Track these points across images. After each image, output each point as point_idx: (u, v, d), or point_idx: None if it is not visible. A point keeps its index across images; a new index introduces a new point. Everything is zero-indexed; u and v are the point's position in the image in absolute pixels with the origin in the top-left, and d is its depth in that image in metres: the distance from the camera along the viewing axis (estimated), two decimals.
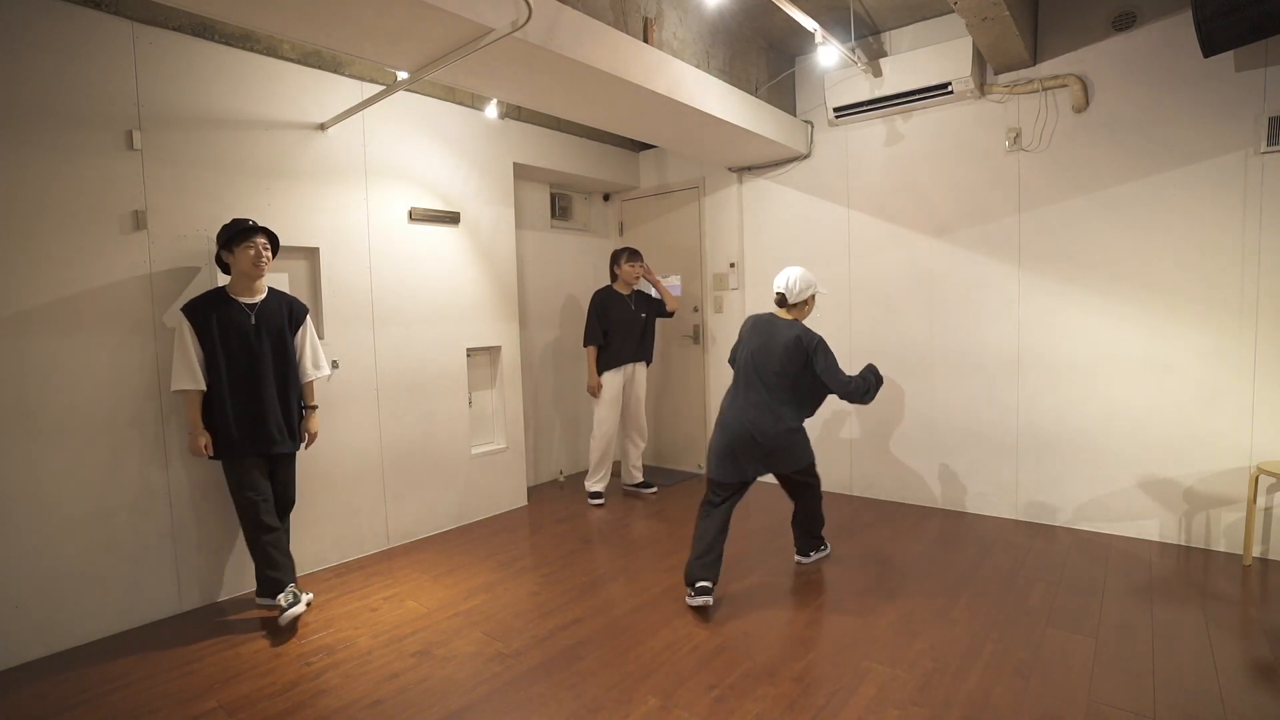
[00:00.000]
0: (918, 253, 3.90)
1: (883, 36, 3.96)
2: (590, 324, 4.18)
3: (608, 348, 4.15)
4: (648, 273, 4.29)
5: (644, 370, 4.33)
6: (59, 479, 2.48)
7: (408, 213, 3.56)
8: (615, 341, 4.15)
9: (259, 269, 2.63)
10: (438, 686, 2.19)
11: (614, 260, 4.25)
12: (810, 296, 2.81)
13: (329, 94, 3.21)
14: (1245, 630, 2.39)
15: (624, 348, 4.16)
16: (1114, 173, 3.27)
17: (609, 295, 4.20)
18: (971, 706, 1.98)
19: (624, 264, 4.18)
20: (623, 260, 4.19)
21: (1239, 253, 3.00)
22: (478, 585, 3.01)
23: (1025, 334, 3.58)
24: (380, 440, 3.47)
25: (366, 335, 3.39)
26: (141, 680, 2.28)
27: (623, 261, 4.18)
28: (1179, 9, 3.04)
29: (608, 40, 2.72)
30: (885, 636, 2.42)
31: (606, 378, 4.16)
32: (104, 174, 2.57)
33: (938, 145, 3.79)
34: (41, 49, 2.42)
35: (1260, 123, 2.91)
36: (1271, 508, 2.98)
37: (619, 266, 4.20)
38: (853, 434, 4.23)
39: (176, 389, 2.57)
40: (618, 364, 4.16)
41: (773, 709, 2.00)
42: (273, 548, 2.66)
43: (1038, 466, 3.58)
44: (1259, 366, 2.99)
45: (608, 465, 4.27)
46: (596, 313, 4.16)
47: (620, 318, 4.16)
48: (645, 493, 4.38)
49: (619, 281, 4.23)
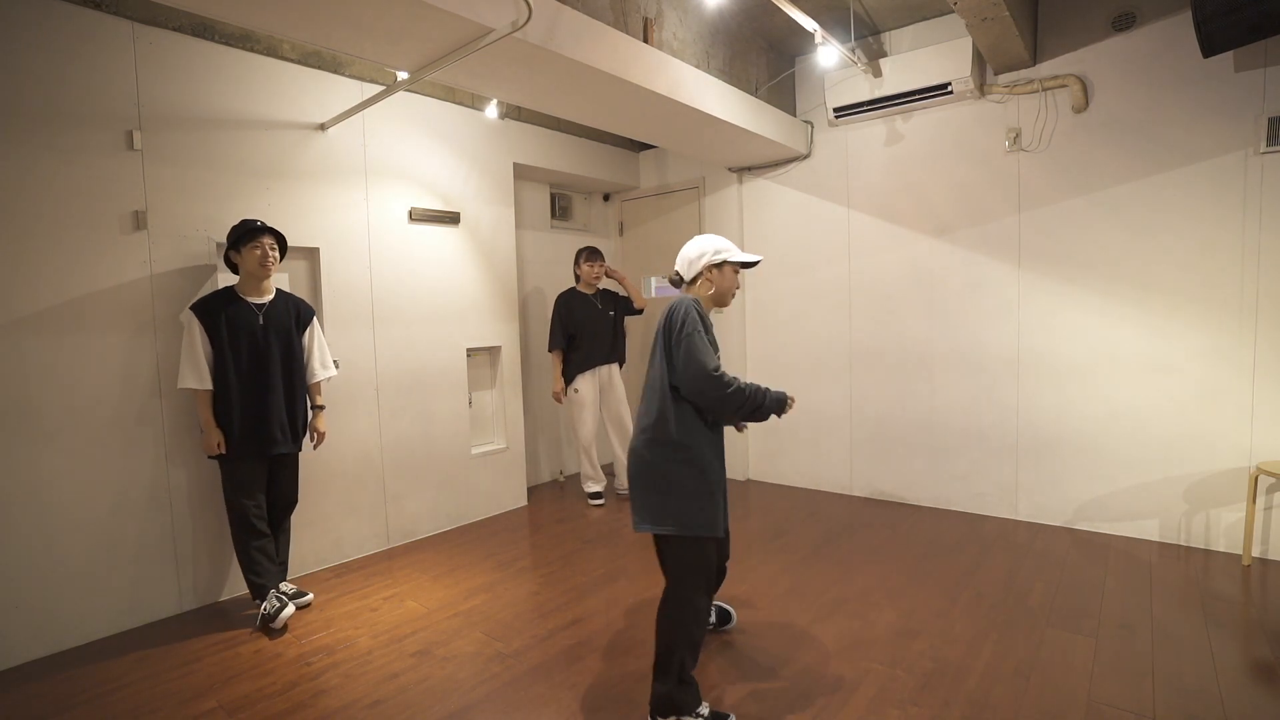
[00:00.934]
0: (918, 253, 3.90)
1: (883, 36, 3.96)
2: (553, 328, 4.13)
3: (577, 351, 4.10)
4: (610, 271, 4.24)
5: (618, 372, 4.26)
6: (59, 479, 2.48)
7: (408, 213, 3.56)
8: (584, 344, 4.09)
9: (266, 269, 2.63)
10: (438, 686, 2.19)
11: (575, 261, 4.21)
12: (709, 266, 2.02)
13: (329, 94, 3.21)
14: (1245, 630, 2.39)
15: (594, 350, 4.11)
16: (1114, 173, 3.27)
17: (572, 296, 4.14)
18: (971, 706, 1.98)
19: (583, 264, 4.14)
20: (582, 260, 4.15)
21: (1239, 253, 3.00)
22: (478, 585, 3.01)
23: (1025, 334, 3.58)
24: (380, 440, 3.47)
25: (366, 335, 3.40)
26: (141, 680, 2.28)
27: (582, 261, 4.15)
28: (1179, 9, 3.04)
29: (608, 40, 2.72)
30: (885, 636, 2.42)
31: (580, 381, 4.12)
32: (104, 174, 2.57)
33: (938, 145, 3.79)
34: (41, 49, 2.42)
35: (1260, 123, 2.91)
36: (1271, 508, 2.98)
37: (579, 267, 4.16)
38: (853, 434, 4.23)
39: (182, 387, 2.57)
40: (590, 366, 4.12)
41: (773, 709, 2.00)
42: (259, 553, 2.67)
43: (1038, 466, 3.58)
44: (1259, 366, 2.99)
45: (598, 465, 4.27)
46: (560, 316, 4.10)
47: (586, 318, 4.10)
48: None
49: (581, 282, 4.18)
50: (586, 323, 4.10)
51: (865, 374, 4.14)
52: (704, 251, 2.04)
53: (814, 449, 4.40)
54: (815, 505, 4.06)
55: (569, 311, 4.10)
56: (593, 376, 4.16)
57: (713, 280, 2.03)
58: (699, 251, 2.05)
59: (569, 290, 4.19)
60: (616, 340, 4.22)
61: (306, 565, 3.18)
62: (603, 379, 4.21)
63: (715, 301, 2.06)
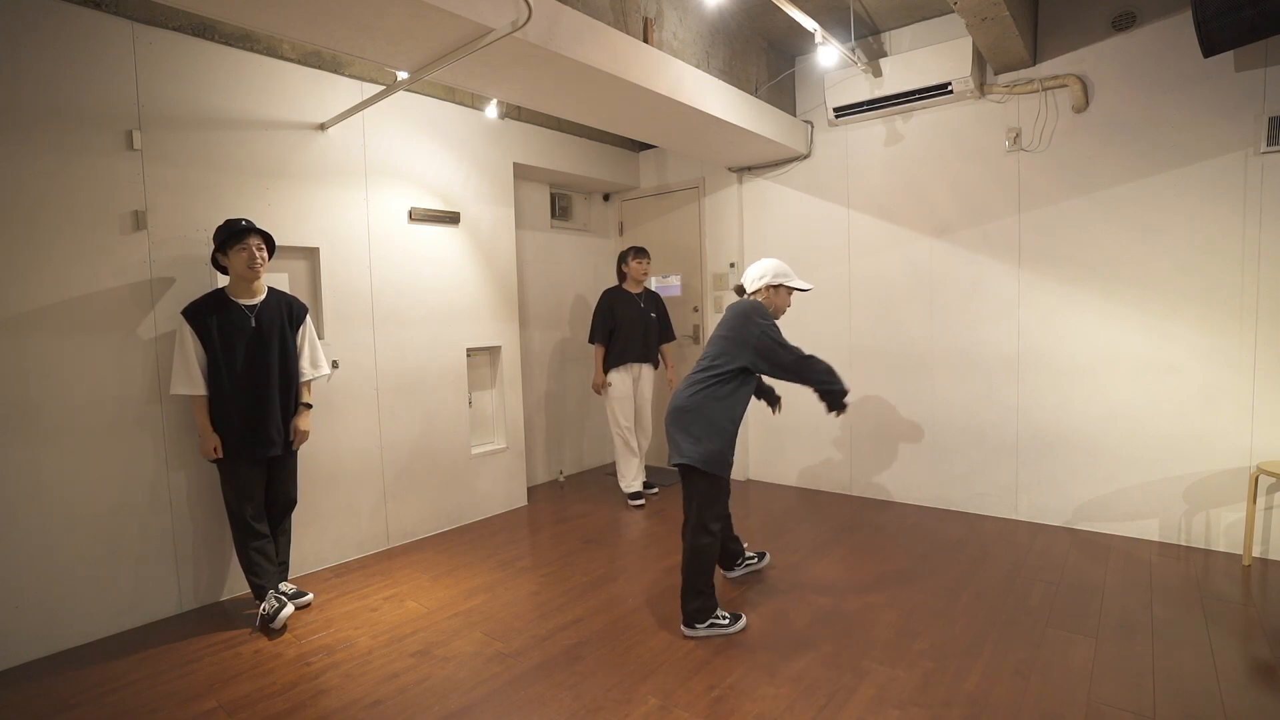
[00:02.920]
0: (918, 253, 3.90)
1: (883, 36, 3.96)
2: (596, 322, 4.18)
3: (615, 345, 4.15)
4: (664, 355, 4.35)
5: (650, 373, 4.30)
6: (60, 479, 2.48)
7: (408, 213, 3.56)
8: (621, 339, 4.14)
9: (254, 271, 2.61)
10: (438, 686, 2.19)
11: (621, 259, 4.24)
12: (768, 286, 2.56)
13: (329, 94, 3.21)
14: (1245, 630, 2.39)
15: (630, 346, 4.15)
16: (1114, 173, 3.27)
17: (618, 293, 4.20)
18: (971, 706, 1.98)
19: (631, 261, 4.18)
20: (630, 258, 4.19)
21: (1239, 253, 3.00)
22: (478, 585, 3.01)
23: (1025, 334, 3.58)
24: (380, 440, 3.47)
25: (366, 335, 3.39)
26: (141, 680, 2.28)
27: (630, 259, 4.19)
28: (1179, 9, 3.04)
29: (608, 40, 2.72)
30: (885, 636, 2.42)
31: (614, 375, 4.16)
32: (104, 174, 2.57)
33: (938, 145, 3.79)
34: (41, 49, 2.42)
35: (1260, 123, 2.91)
36: (1272, 508, 2.98)
37: (626, 264, 4.20)
38: (853, 434, 4.23)
39: (174, 393, 2.57)
40: (624, 362, 4.15)
41: (773, 709, 2.00)
42: (259, 554, 2.67)
43: (1038, 466, 3.58)
44: (1259, 366, 2.99)
45: (635, 462, 4.22)
46: (604, 310, 4.16)
47: (628, 315, 4.15)
48: (647, 493, 4.37)
49: (628, 280, 4.22)
50: (628, 320, 4.14)
51: (865, 374, 4.14)
52: (765, 273, 2.54)
53: (814, 449, 4.40)
54: (815, 505, 4.06)
55: (612, 307, 4.15)
56: (626, 372, 4.19)
57: (769, 299, 2.55)
58: (761, 272, 2.55)
59: (615, 288, 4.23)
60: (651, 340, 4.24)
61: (306, 565, 3.18)
62: (634, 375, 4.24)
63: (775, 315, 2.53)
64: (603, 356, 4.17)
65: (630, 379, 4.22)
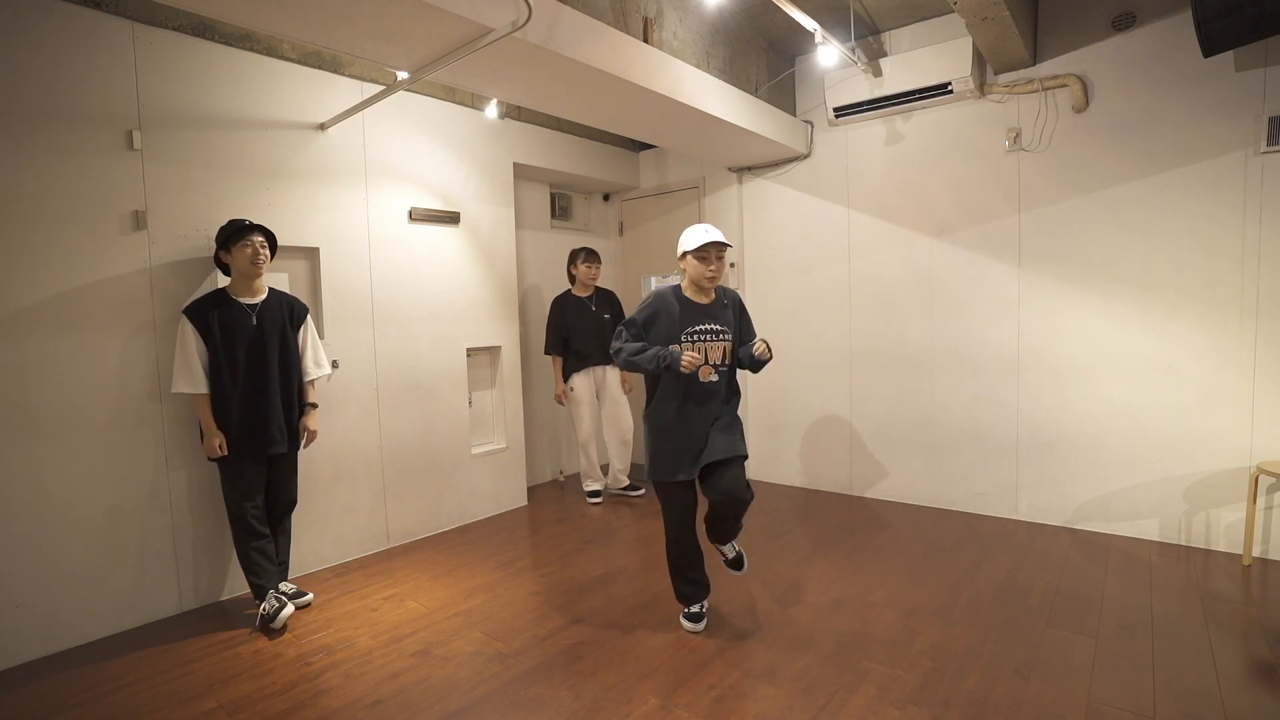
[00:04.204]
0: (918, 253, 3.89)
1: (883, 36, 3.96)
2: (549, 332, 4.17)
3: (573, 352, 4.14)
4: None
5: (615, 373, 4.25)
6: (60, 479, 2.48)
7: (408, 213, 3.56)
8: (577, 345, 4.12)
9: (257, 268, 2.63)
10: (438, 686, 2.19)
11: (571, 260, 4.20)
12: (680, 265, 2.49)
13: (329, 94, 3.21)
14: (1245, 630, 2.39)
15: (587, 351, 4.13)
16: (1114, 173, 3.27)
17: (566, 300, 4.17)
18: (971, 706, 1.98)
19: (580, 264, 4.14)
20: (579, 261, 4.14)
21: (1239, 253, 3.00)
22: (478, 585, 3.01)
23: (1025, 334, 3.58)
24: (380, 440, 3.47)
25: (366, 335, 3.39)
26: (141, 680, 2.28)
27: (579, 262, 4.14)
28: (1179, 9, 3.04)
29: (608, 40, 2.72)
30: (885, 636, 2.42)
31: (575, 380, 4.15)
32: (104, 174, 2.57)
33: (938, 145, 3.79)
34: (41, 49, 2.42)
35: (1260, 123, 2.91)
36: (1272, 508, 2.98)
37: (574, 267, 4.16)
38: (853, 434, 4.23)
39: (175, 391, 2.57)
40: (585, 367, 4.16)
41: (773, 709, 2.00)
42: (259, 554, 2.67)
43: (1038, 466, 3.58)
44: (1259, 366, 2.99)
45: (595, 463, 4.28)
46: (555, 320, 4.14)
47: (579, 321, 4.12)
48: (632, 496, 4.33)
49: (577, 284, 4.18)
50: (580, 326, 4.12)
51: (865, 374, 4.14)
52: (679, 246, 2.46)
53: (814, 449, 4.40)
54: (815, 505, 4.06)
55: (562, 315, 4.14)
56: (587, 376, 4.18)
57: (688, 273, 2.47)
58: (679, 248, 2.45)
59: (564, 294, 4.20)
60: (607, 341, 4.18)
61: (306, 565, 3.18)
62: (598, 379, 4.23)
63: (694, 284, 2.46)
64: (560, 366, 4.16)
65: (592, 383, 4.20)
